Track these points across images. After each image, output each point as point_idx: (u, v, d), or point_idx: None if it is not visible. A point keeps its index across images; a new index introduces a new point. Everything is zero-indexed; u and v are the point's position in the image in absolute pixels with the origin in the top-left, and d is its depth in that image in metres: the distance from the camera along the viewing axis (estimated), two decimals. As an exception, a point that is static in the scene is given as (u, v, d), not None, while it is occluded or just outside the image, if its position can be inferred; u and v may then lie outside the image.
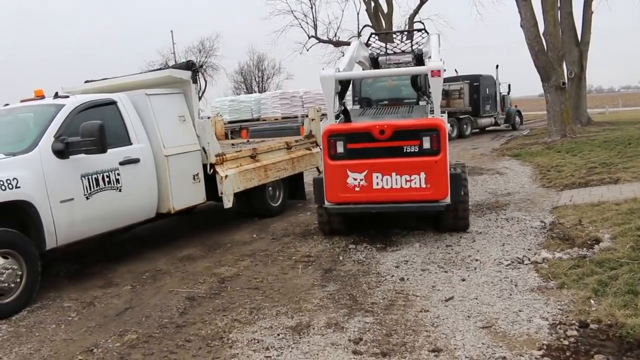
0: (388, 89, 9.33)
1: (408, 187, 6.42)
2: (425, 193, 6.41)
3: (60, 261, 7.03)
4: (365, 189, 6.54)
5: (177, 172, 7.26)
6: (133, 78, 8.15)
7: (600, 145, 14.51)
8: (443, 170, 6.38)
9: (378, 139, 6.45)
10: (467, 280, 5.39)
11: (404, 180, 6.42)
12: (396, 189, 6.46)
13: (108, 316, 5.19)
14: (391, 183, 6.46)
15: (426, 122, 6.48)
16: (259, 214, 9.25)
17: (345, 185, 6.59)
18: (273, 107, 21.44)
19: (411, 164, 6.39)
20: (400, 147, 6.43)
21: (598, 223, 6.70)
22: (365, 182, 6.53)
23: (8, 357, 4.42)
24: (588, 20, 23.84)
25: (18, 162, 5.63)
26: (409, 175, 6.41)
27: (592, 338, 3.96)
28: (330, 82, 6.66)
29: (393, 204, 6.58)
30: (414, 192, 6.42)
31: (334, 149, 6.62)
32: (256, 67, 54.85)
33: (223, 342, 4.40)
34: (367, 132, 6.51)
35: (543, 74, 17.74)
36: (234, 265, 6.53)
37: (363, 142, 6.53)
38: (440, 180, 6.37)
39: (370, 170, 6.50)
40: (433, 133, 6.34)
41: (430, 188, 6.38)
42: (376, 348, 4.08)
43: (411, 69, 7.72)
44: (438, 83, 6.41)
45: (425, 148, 6.36)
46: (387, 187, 6.47)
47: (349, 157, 6.57)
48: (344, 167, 6.58)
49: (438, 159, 6.35)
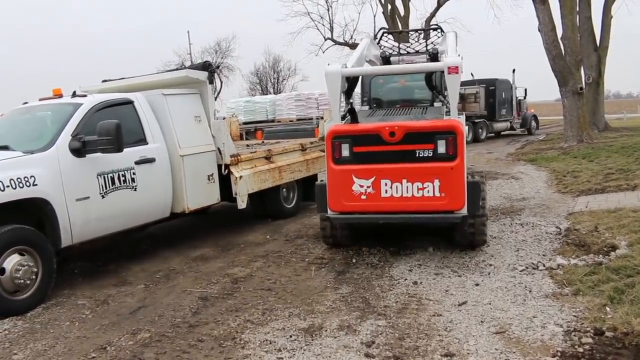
0: (400, 89, 8.73)
1: (420, 196, 5.81)
2: (439, 203, 5.79)
3: (75, 259, 7.09)
4: (372, 197, 5.93)
5: (192, 172, 7.29)
6: (150, 78, 8.21)
7: (617, 151, 14.36)
8: (460, 178, 5.77)
9: (388, 141, 5.85)
10: (480, 285, 5.36)
11: (416, 188, 5.81)
12: (407, 198, 5.84)
13: (121, 314, 5.23)
14: (401, 191, 5.85)
15: (441, 123, 5.91)
16: (273, 215, 9.26)
17: (350, 193, 5.97)
18: (288, 109, 21.44)
19: (424, 170, 5.80)
20: (412, 151, 5.83)
21: (614, 230, 6.62)
22: (372, 189, 5.92)
23: (23, 353, 4.47)
24: (607, 24, 23.62)
25: (35, 160, 5.69)
26: (422, 183, 5.80)
27: (607, 346, 3.91)
28: (336, 79, 6.09)
29: (403, 215, 5.97)
30: (427, 201, 5.81)
31: (338, 152, 6.00)
32: (272, 69, 54.98)
33: (235, 342, 4.41)
34: (375, 134, 5.90)
35: (560, 79, 17.60)
36: (247, 266, 6.54)
37: (371, 145, 5.93)
38: (456, 189, 5.76)
39: (379, 177, 5.90)
40: (449, 136, 5.73)
41: (445, 197, 5.76)
42: (388, 351, 4.07)
43: (425, 66, 7.00)
44: (455, 81, 5.85)
45: (440, 152, 5.76)
46: (396, 195, 5.86)
47: (355, 162, 5.96)
48: (349, 173, 5.96)
49: (454, 165, 5.72)
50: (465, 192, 5.79)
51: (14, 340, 4.73)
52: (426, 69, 6.86)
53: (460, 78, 5.88)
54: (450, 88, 5.95)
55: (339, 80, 6.10)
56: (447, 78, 5.85)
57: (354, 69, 6.59)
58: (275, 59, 54.34)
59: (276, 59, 54.27)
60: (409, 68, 7.48)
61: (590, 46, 22.29)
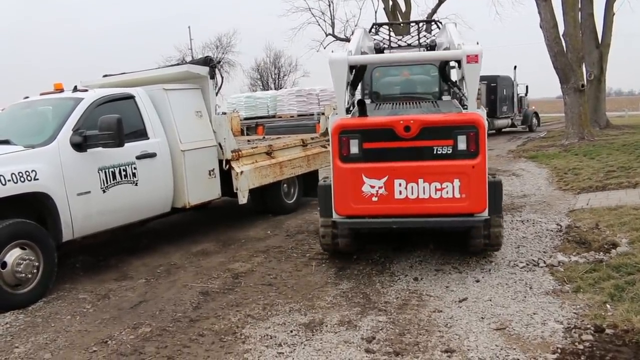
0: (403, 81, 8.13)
1: (438, 198, 5.29)
2: (459, 205, 5.30)
3: (76, 253, 7.10)
4: (384, 198, 5.37)
5: (193, 167, 7.29)
6: (151, 73, 8.22)
7: (618, 148, 14.36)
8: (481, 177, 5.29)
9: (402, 137, 5.29)
10: (481, 282, 5.36)
11: (434, 188, 5.29)
12: (423, 200, 5.31)
13: (122, 309, 5.24)
14: (417, 192, 5.31)
15: (462, 117, 5.38)
16: (273, 211, 9.26)
17: (359, 194, 5.40)
18: (289, 105, 21.41)
19: (443, 168, 5.28)
20: (430, 147, 5.29)
21: (615, 227, 6.62)
22: (385, 190, 5.35)
23: (24, 346, 4.48)
24: (609, 21, 23.57)
25: (37, 155, 5.69)
26: (440, 183, 5.28)
27: (607, 343, 3.92)
28: (342, 67, 5.46)
29: (419, 218, 5.41)
30: (446, 203, 5.30)
31: (346, 148, 5.41)
32: (273, 64, 54.88)
33: (236, 337, 4.42)
34: (388, 129, 5.33)
35: (562, 76, 17.57)
36: (248, 261, 6.55)
37: (383, 141, 5.37)
38: (478, 190, 5.28)
39: (392, 176, 5.34)
40: (470, 131, 5.23)
41: (466, 199, 5.27)
42: (389, 347, 4.07)
43: (442, 54, 6.19)
44: (475, 71, 5.31)
45: (460, 149, 5.25)
46: (412, 196, 5.32)
47: (366, 160, 5.39)
48: (358, 172, 5.39)
49: (476, 163, 5.23)
50: (487, 192, 5.36)
51: (15, 334, 4.74)
52: (443, 57, 6.30)
53: (480, 68, 5.35)
54: (468, 78, 5.42)
55: (345, 69, 5.51)
56: (466, 67, 5.36)
57: (362, 57, 6.10)
58: (276, 54, 54.28)
59: (277, 54, 54.20)
60: (423, 55, 6.86)
61: (592, 43, 22.25)
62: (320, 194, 5.88)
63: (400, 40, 8.41)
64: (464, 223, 5.51)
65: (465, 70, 5.40)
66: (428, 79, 7.57)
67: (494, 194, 5.48)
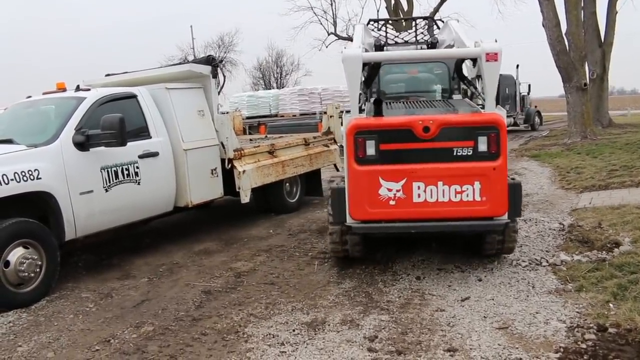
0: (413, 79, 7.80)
1: (458, 201, 5.08)
2: (479, 208, 5.10)
3: (78, 252, 7.11)
4: (402, 202, 5.13)
5: (195, 166, 7.30)
6: (153, 72, 8.23)
7: (621, 147, 14.32)
8: (503, 180, 5.10)
9: (421, 138, 5.06)
10: (483, 281, 5.36)
11: (453, 191, 5.08)
12: (443, 203, 5.10)
13: (125, 308, 5.24)
14: (437, 195, 5.09)
15: (483, 117, 5.18)
16: (276, 210, 9.27)
17: (376, 198, 5.14)
18: (291, 104, 21.44)
19: (463, 170, 5.07)
20: (449, 149, 5.08)
21: (618, 226, 6.61)
22: (403, 193, 5.11)
23: (27, 345, 4.49)
24: (612, 20, 23.51)
25: (39, 154, 5.70)
26: (460, 186, 5.07)
27: (610, 342, 3.91)
28: (356, 64, 5.22)
29: (438, 222, 5.21)
30: (466, 206, 5.10)
31: (362, 150, 5.15)
32: (275, 63, 54.83)
33: (239, 336, 4.42)
34: (407, 129, 5.09)
35: (564, 75, 17.53)
36: (250, 260, 6.55)
37: (401, 142, 5.13)
38: (499, 192, 5.09)
39: (410, 179, 5.10)
40: (491, 132, 5.04)
41: (487, 202, 5.08)
42: (391, 346, 4.07)
43: (459, 51, 5.95)
44: (494, 69, 5.14)
45: (481, 151, 5.05)
46: (431, 200, 5.10)
47: (383, 162, 5.14)
48: (375, 174, 5.13)
49: (497, 165, 5.04)
50: (507, 195, 5.17)
51: (18, 333, 4.75)
52: (461, 54, 6.03)
53: (500, 66, 5.18)
54: (488, 77, 5.22)
55: (359, 66, 5.27)
56: (485, 66, 5.15)
57: (377, 54, 5.83)
58: (278, 53, 54.23)
59: (279, 53, 54.15)
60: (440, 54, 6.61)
61: (595, 42, 22.21)
62: (333, 197, 5.57)
63: (397, 37, 8.24)
64: (485, 227, 5.32)
65: (485, 68, 5.20)
66: (438, 77, 7.35)
67: (514, 196, 5.26)
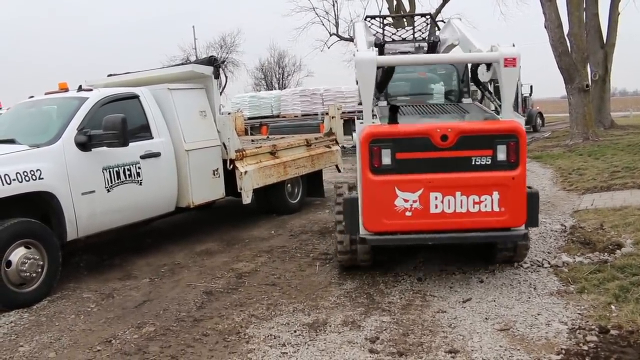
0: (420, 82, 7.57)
1: (476, 212, 4.93)
2: (498, 219, 4.95)
3: (80, 252, 7.11)
4: (419, 213, 4.94)
5: (197, 167, 7.30)
6: (155, 72, 8.24)
7: (623, 149, 14.30)
8: (522, 190, 4.97)
9: (439, 146, 4.89)
10: (485, 282, 5.35)
11: (472, 202, 4.92)
12: (461, 214, 4.94)
13: (126, 308, 5.25)
14: (454, 206, 4.93)
15: (502, 125, 5.02)
16: (277, 211, 9.27)
17: (392, 209, 4.95)
18: (293, 104, 21.45)
19: (482, 180, 4.91)
20: (468, 158, 4.91)
21: (620, 228, 6.60)
22: (420, 204, 4.93)
23: (29, 345, 4.49)
24: (614, 21, 23.49)
25: (41, 154, 5.70)
26: (478, 196, 4.91)
27: (612, 344, 3.90)
28: (370, 68, 4.99)
29: (457, 234, 5.05)
30: (484, 217, 4.95)
31: (378, 159, 4.93)
32: (277, 64, 54.85)
33: (240, 337, 4.42)
34: (424, 138, 4.91)
35: (566, 76, 17.52)
36: (252, 261, 6.56)
37: (418, 151, 4.94)
38: (517, 202, 4.95)
39: (427, 189, 4.92)
40: (511, 140, 4.88)
41: (505, 212, 4.93)
42: (393, 347, 4.07)
43: (476, 56, 5.70)
44: (513, 75, 5.04)
45: (500, 160, 4.90)
46: (448, 211, 4.93)
47: (399, 171, 4.94)
48: (391, 185, 4.93)
49: (516, 175, 4.90)
50: (526, 205, 5.02)
51: (20, 333, 4.76)
52: (477, 59, 5.78)
53: (518, 72, 5.07)
54: (505, 83, 5.11)
55: (374, 70, 5.03)
56: (503, 71, 5.04)
57: (393, 58, 5.72)
58: (280, 54, 54.27)
59: (281, 54, 54.19)
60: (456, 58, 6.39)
61: (597, 43, 22.19)
62: (346, 208, 5.31)
63: (395, 34, 7.95)
64: (504, 238, 5.27)
65: (503, 74, 5.08)
66: (446, 79, 7.18)
67: (531, 206, 5.10)
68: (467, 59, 5.93)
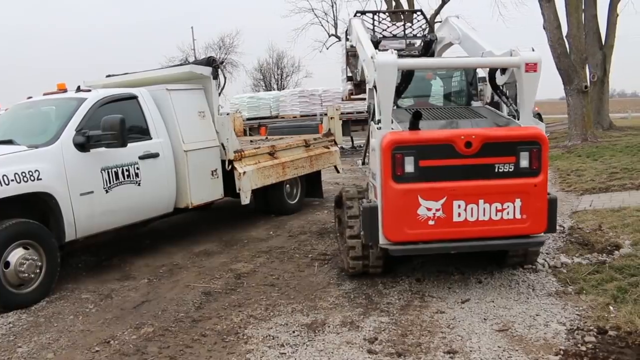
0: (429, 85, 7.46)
1: (499, 219, 4.86)
2: (520, 226, 4.90)
3: (78, 253, 7.12)
4: (442, 222, 4.84)
5: (195, 168, 7.30)
6: (154, 73, 8.23)
7: (622, 150, 14.32)
8: (543, 196, 4.92)
9: (462, 154, 4.79)
10: (484, 283, 5.35)
11: (494, 209, 4.86)
12: (484, 222, 4.86)
13: (125, 309, 5.24)
14: (477, 214, 4.85)
15: (526, 132, 4.94)
16: (276, 211, 9.27)
17: (415, 218, 4.82)
18: (292, 105, 21.48)
19: (504, 188, 4.85)
20: (491, 165, 4.83)
21: (618, 229, 6.61)
22: (443, 213, 4.83)
23: (27, 345, 4.49)
24: (613, 23, 23.54)
25: (40, 155, 5.70)
26: (501, 203, 4.85)
27: (610, 345, 3.91)
28: (391, 72, 4.89)
29: (479, 242, 4.96)
30: (506, 225, 4.89)
31: (401, 167, 4.79)
32: (275, 65, 54.97)
33: (238, 337, 4.42)
34: (448, 145, 4.80)
35: (565, 77, 17.53)
36: (250, 262, 6.55)
37: (442, 158, 4.82)
38: (539, 209, 4.90)
39: (451, 197, 4.82)
40: (533, 147, 4.82)
41: (527, 219, 4.88)
42: (391, 348, 4.07)
43: (497, 60, 5.55)
44: (534, 80, 5.00)
45: (522, 167, 4.84)
46: (471, 219, 4.85)
47: (422, 179, 4.82)
48: (414, 193, 4.80)
49: (538, 182, 4.86)
50: (547, 212, 4.98)
51: (18, 334, 4.75)
52: (498, 63, 5.59)
53: (539, 77, 5.04)
54: (526, 88, 5.06)
55: (395, 73, 4.95)
56: (524, 76, 5.00)
57: (414, 61, 5.64)
58: (279, 55, 54.39)
59: (280, 55, 54.31)
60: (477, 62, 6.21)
61: (596, 44, 22.23)
62: (365, 217, 5.09)
63: (385, 30, 7.88)
64: (526, 245, 5.23)
65: (524, 79, 5.03)
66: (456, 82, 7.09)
67: (551, 212, 5.05)
68: (488, 64, 5.80)
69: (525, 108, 5.11)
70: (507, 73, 5.50)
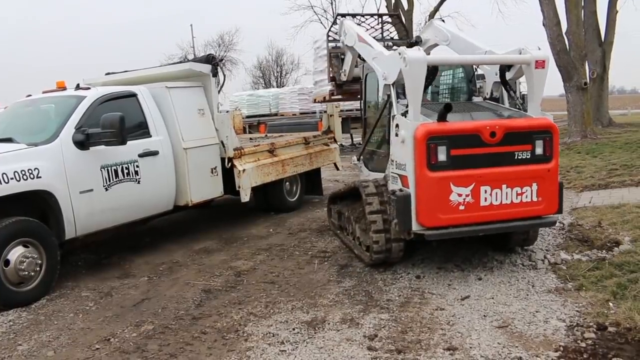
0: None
1: (519, 202, 5.33)
2: (536, 208, 5.39)
3: (78, 251, 7.12)
4: (471, 206, 5.22)
5: (195, 165, 7.30)
6: (153, 71, 8.23)
7: (621, 146, 14.31)
8: (555, 180, 5.45)
9: (488, 143, 5.20)
10: (483, 280, 5.36)
11: (515, 193, 5.31)
12: (506, 205, 5.30)
13: (125, 306, 5.25)
14: (501, 198, 5.28)
15: (540, 122, 5.43)
16: (276, 209, 9.28)
17: (447, 204, 5.17)
18: (291, 103, 21.47)
19: (523, 173, 5.31)
20: (512, 153, 5.29)
21: (618, 225, 6.61)
22: (471, 198, 5.21)
23: (27, 343, 4.49)
24: (612, 19, 23.48)
25: (39, 153, 5.70)
26: (521, 188, 5.31)
27: (610, 341, 3.92)
28: (421, 67, 5.25)
29: (501, 224, 5.39)
30: (525, 207, 5.36)
31: (434, 156, 5.12)
32: (275, 62, 54.87)
33: (238, 335, 4.43)
34: (475, 134, 5.20)
35: (564, 74, 17.50)
36: (250, 259, 6.56)
37: (470, 147, 5.21)
38: (552, 192, 5.41)
39: (478, 183, 5.22)
40: (547, 136, 5.34)
41: (542, 202, 5.37)
42: (391, 345, 4.08)
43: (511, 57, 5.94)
44: (542, 76, 5.54)
45: (537, 154, 5.33)
46: (496, 203, 5.28)
47: (454, 167, 5.18)
48: (446, 180, 5.15)
49: (551, 167, 5.37)
50: (558, 194, 5.49)
51: (18, 331, 4.76)
52: (510, 61, 5.97)
53: (547, 73, 5.58)
54: (536, 84, 5.59)
55: (424, 69, 5.28)
56: (535, 73, 5.52)
57: (440, 58, 5.98)
58: (278, 52, 54.28)
59: (279, 52, 54.19)
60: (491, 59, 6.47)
61: (595, 41, 22.17)
62: (399, 205, 5.36)
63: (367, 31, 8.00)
64: (542, 225, 5.71)
65: (534, 75, 5.55)
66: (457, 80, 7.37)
67: (560, 195, 5.58)
68: (503, 61, 6.13)
69: (534, 101, 5.59)
70: (512, 70, 5.96)
